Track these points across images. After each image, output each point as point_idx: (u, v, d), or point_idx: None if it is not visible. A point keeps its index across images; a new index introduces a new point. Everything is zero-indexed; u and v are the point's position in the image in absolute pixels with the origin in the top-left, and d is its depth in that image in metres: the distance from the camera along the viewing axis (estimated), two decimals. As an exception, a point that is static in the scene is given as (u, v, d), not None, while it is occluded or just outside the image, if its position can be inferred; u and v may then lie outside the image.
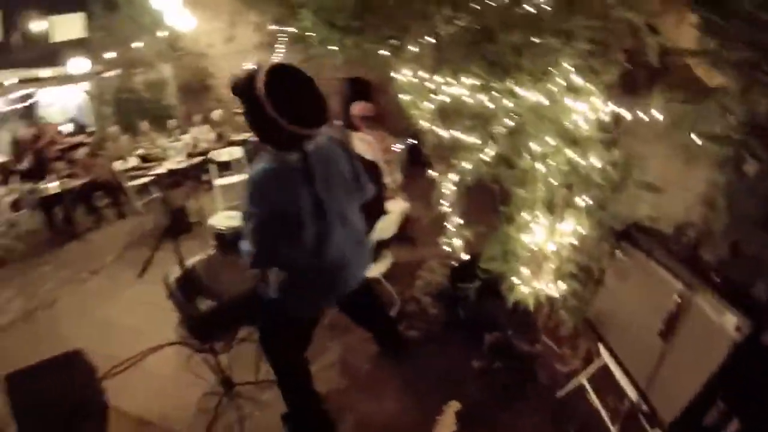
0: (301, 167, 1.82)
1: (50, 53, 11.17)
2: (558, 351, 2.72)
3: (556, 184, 2.16)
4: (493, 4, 2.31)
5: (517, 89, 2.24)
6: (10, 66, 11.00)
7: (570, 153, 2.05)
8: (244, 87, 1.73)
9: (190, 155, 8.24)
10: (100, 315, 4.44)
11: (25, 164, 9.31)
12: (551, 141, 2.12)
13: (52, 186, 6.81)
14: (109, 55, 10.32)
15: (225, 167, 7.12)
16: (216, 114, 8.72)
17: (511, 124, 2.42)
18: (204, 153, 8.14)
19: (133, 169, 7.92)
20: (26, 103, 12.50)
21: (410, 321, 3.21)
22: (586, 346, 2.62)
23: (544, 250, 2.32)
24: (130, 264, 5.49)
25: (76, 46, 10.68)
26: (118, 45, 10.50)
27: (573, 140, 2.06)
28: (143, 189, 7.80)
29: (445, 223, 3.27)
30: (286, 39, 8.81)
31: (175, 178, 7.86)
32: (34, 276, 5.82)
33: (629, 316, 1.97)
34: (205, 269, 3.66)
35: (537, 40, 2.10)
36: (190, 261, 3.69)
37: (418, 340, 3.09)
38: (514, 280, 2.38)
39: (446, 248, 3.32)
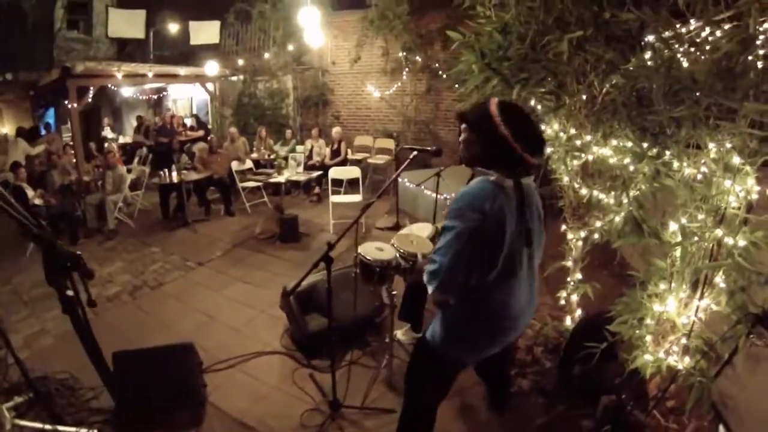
0: (516, 194, 1.92)
1: (184, 54, 12.59)
2: (664, 424, 2.72)
3: (698, 260, 2.26)
4: (651, 64, 2.44)
5: (668, 159, 2.38)
6: (146, 60, 12.45)
7: (718, 231, 2.15)
8: (478, 114, 1.99)
9: (310, 167, 8.80)
10: (203, 307, 4.73)
11: (147, 148, 10.46)
12: (699, 216, 2.23)
13: (172, 176, 7.57)
14: (237, 61, 11.40)
15: (338, 184, 7.53)
16: (335, 131, 9.23)
17: (644, 188, 2.56)
18: (319, 167, 8.67)
19: (248, 171, 8.64)
20: (158, 95, 14.10)
21: (522, 369, 3.30)
22: (695, 426, 2.61)
23: (675, 321, 2.40)
24: (236, 262, 5.94)
25: (208, 49, 11.91)
26: (246, 53, 11.65)
27: (721, 219, 2.16)
28: (253, 191, 8.42)
29: (568, 278, 3.40)
30: (410, 68, 9.40)
31: (286, 186, 8.42)
32: (142, 254, 6.44)
33: (757, 402, 2.00)
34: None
35: (694, 112, 2.22)
36: (314, 278, 3.86)
37: (528, 391, 3.16)
38: (640, 346, 2.48)
39: (562, 302, 3.45)
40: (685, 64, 2.24)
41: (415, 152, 2.79)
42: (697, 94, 2.17)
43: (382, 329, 3.97)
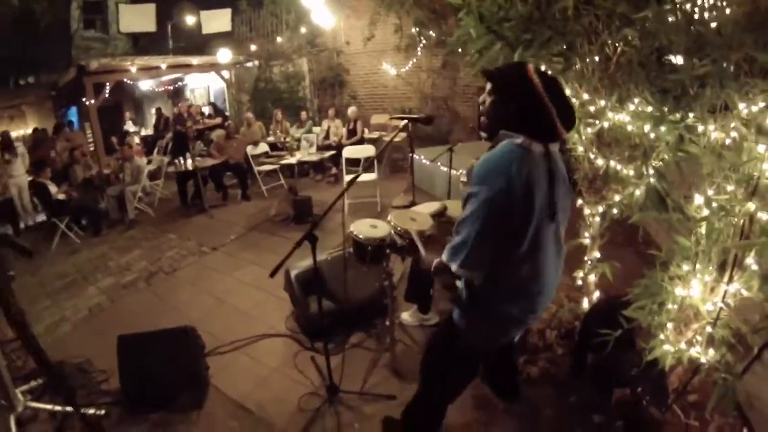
0: (545, 161, 1.71)
1: (199, 43, 12.53)
2: (684, 421, 2.44)
3: (727, 238, 1.95)
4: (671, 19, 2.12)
5: (691, 122, 2.07)
6: (163, 53, 12.43)
7: (750, 205, 1.84)
8: (511, 74, 1.77)
9: (320, 148, 8.66)
10: (214, 291, 4.74)
11: (167, 139, 10.46)
12: (729, 187, 1.92)
13: (188, 163, 7.54)
14: (251, 47, 11.22)
15: (354, 164, 7.30)
16: (350, 110, 9.01)
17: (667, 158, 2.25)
18: (334, 147, 8.49)
19: (264, 155, 8.50)
20: (175, 86, 14.10)
21: (532, 356, 3.04)
22: (718, 424, 2.34)
23: (699, 308, 2.11)
24: (251, 245, 5.90)
25: (222, 37, 11.82)
26: (260, 38, 11.49)
27: (753, 190, 1.85)
28: (270, 174, 8.27)
29: (585, 257, 3.11)
30: (425, 43, 9.04)
31: (302, 167, 8.28)
32: (160, 241, 6.51)
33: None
34: (330, 269, 3.70)
35: (721, 69, 1.92)
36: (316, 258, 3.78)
37: (537, 379, 2.92)
38: (659, 335, 2.19)
39: (578, 282, 3.16)
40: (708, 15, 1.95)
41: (405, 121, 2.50)
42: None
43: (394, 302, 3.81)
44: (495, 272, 1.78)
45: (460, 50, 2.96)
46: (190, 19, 13.19)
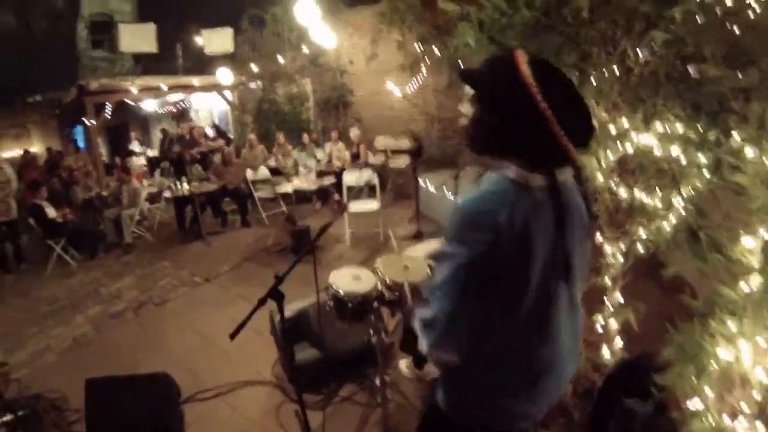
0: (550, 199, 1.21)
1: (202, 64, 12.35)
2: None
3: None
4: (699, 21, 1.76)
5: (738, 145, 1.68)
6: (165, 73, 12.30)
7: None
8: (498, 75, 1.23)
9: (323, 173, 8.27)
10: (202, 327, 4.43)
11: (168, 161, 10.24)
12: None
13: (185, 188, 7.25)
14: (253, 67, 11.00)
15: (359, 190, 6.95)
16: (353, 133, 8.63)
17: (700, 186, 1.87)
18: (338, 171, 8.07)
19: (264, 180, 8.17)
20: (178, 107, 13.97)
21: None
22: None
23: (749, 375, 1.68)
24: (244, 278, 5.56)
25: (225, 58, 11.57)
26: (262, 58, 11.21)
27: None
28: (271, 200, 7.95)
29: (605, 298, 2.68)
30: (429, 61, 8.70)
31: (303, 193, 7.92)
32: (154, 269, 6.28)
33: None
34: (318, 314, 3.31)
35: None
36: (303, 303, 3.43)
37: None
38: (696, 404, 1.77)
39: (598, 328, 2.72)
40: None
41: (387, 151, 2.10)
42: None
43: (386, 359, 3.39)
44: (486, 347, 1.32)
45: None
46: (199, 40, 13.08)
